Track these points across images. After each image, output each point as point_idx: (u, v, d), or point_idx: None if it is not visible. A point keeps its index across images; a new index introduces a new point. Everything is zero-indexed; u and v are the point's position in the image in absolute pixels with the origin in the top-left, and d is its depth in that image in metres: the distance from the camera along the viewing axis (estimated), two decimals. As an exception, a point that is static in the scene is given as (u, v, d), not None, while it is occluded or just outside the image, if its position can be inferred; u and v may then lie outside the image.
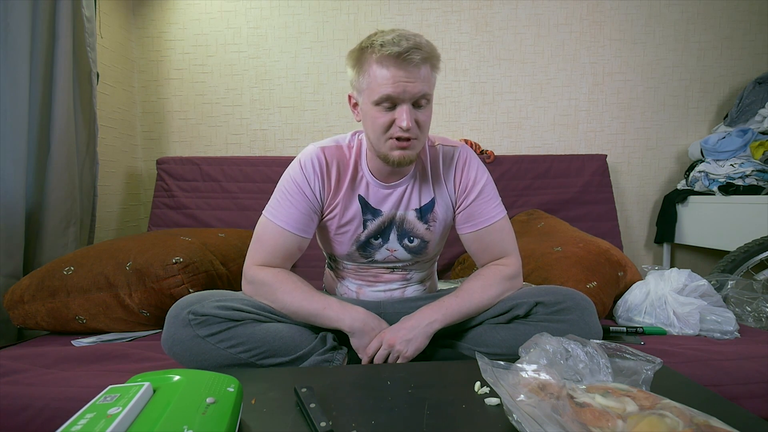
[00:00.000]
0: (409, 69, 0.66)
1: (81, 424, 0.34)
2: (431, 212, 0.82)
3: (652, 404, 0.42)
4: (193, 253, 1.01)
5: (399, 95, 0.67)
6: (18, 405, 0.63)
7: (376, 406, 0.52)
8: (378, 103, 0.68)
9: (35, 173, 1.18)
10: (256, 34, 1.73)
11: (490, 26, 1.74)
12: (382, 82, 0.66)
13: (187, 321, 0.68)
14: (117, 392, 0.39)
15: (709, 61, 1.76)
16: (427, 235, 0.83)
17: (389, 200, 0.80)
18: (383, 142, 0.71)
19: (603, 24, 1.75)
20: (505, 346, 0.73)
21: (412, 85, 0.67)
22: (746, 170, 1.48)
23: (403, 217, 0.81)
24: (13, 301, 0.97)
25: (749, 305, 1.07)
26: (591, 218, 1.60)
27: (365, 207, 0.80)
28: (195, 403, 0.40)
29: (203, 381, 0.45)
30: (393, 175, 0.79)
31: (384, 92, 0.67)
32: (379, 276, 0.87)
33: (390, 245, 0.82)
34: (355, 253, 0.83)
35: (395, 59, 0.65)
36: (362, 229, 0.80)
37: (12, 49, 1.08)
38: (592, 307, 0.74)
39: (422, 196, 0.81)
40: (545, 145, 1.79)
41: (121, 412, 0.35)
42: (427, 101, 0.70)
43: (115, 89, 1.61)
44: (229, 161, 1.61)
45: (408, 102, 0.68)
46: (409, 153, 0.71)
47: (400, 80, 0.66)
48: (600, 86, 1.77)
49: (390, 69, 0.66)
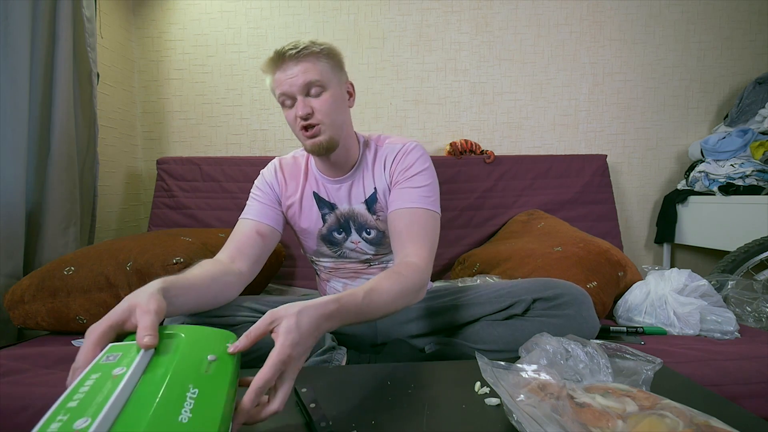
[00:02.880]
0: (288, 67, 0.73)
1: (88, 385, 0.34)
2: (376, 203, 0.83)
3: (653, 404, 0.42)
4: (194, 254, 1.01)
5: (288, 90, 0.74)
6: (18, 405, 0.63)
7: (376, 405, 0.52)
8: (282, 104, 0.77)
9: (35, 173, 1.18)
10: (256, 35, 1.73)
11: (490, 26, 1.74)
12: (275, 85, 0.76)
13: None
14: (119, 351, 0.39)
15: (709, 61, 1.76)
16: (380, 225, 0.84)
17: (340, 194, 0.84)
18: (300, 136, 0.77)
19: (603, 24, 1.75)
20: (502, 342, 0.73)
21: (293, 78, 0.73)
22: (746, 170, 1.48)
23: (356, 211, 0.84)
24: (13, 301, 0.96)
25: (749, 305, 1.07)
26: (591, 218, 1.60)
27: (320, 201, 0.85)
28: (197, 362, 0.40)
29: (202, 338, 0.44)
30: (335, 169, 0.83)
31: (279, 92, 0.75)
32: (358, 272, 0.89)
33: (353, 238, 0.85)
34: (323, 247, 0.88)
35: (274, 64, 0.75)
36: (322, 222, 0.85)
37: (12, 50, 1.08)
38: (589, 301, 0.74)
39: (366, 189, 0.83)
40: (545, 145, 1.79)
41: (126, 372, 0.35)
42: (320, 88, 0.74)
43: (115, 89, 1.62)
44: (229, 161, 1.61)
45: (298, 94, 0.74)
46: (320, 138, 0.75)
47: (283, 79, 0.74)
48: (600, 86, 1.77)
49: (275, 73, 0.75)
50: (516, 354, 0.56)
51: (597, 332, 0.74)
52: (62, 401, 0.32)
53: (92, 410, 0.31)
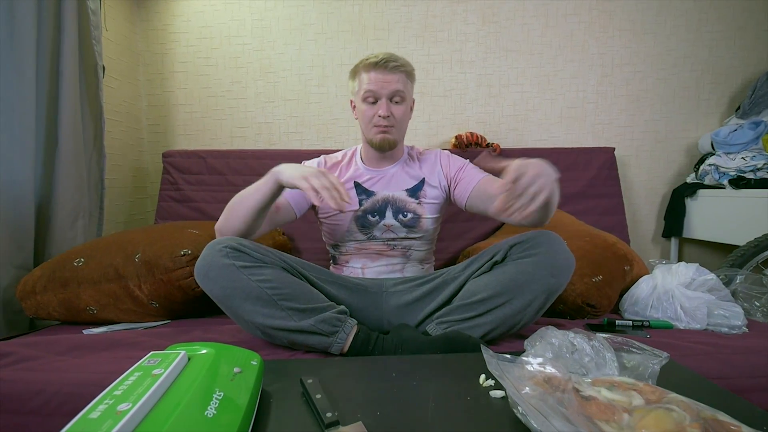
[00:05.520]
0: (384, 73, 0.92)
1: (131, 380, 0.41)
2: (421, 190, 1.00)
3: (659, 398, 0.42)
4: (200, 245, 1.01)
5: (378, 90, 0.92)
6: (32, 390, 0.64)
7: (382, 397, 0.52)
8: (364, 99, 0.94)
9: (44, 167, 1.19)
10: (260, 26, 1.72)
11: (497, 17, 1.71)
12: (366, 81, 0.93)
13: (225, 252, 0.76)
14: (158, 357, 0.47)
15: (721, 52, 1.72)
16: (419, 209, 0.98)
17: (380, 182, 1.00)
18: (370, 129, 0.96)
19: (612, 14, 1.71)
20: (489, 288, 0.78)
21: (387, 83, 0.92)
22: (758, 163, 1.46)
23: (395, 196, 0.99)
24: (25, 291, 0.98)
25: (758, 300, 1.06)
26: (598, 212, 1.58)
27: (359, 189, 1.00)
28: (224, 371, 0.47)
29: (230, 354, 0.52)
30: (382, 160, 1.02)
31: (368, 88, 0.92)
32: (381, 253, 1.00)
33: (386, 221, 0.97)
34: (354, 228, 0.98)
35: (374, 66, 0.92)
36: (359, 206, 0.98)
37: (18, 43, 1.08)
38: (559, 239, 0.80)
39: (411, 178, 1.01)
40: (552, 138, 1.77)
41: (163, 373, 0.42)
42: (401, 99, 0.94)
43: (120, 82, 1.62)
44: (234, 154, 1.61)
45: (385, 97, 0.93)
46: (388, 137, 0.95)
47: (378, 80, 0.92)
48: (609, 78, 1.74)
49: (371, 73, 0.93)
50: (506, 300, 0.73)
51: (573, 264, 0.79)
52: (108, 390, 0.39)
53: (133, 398, 0.37)
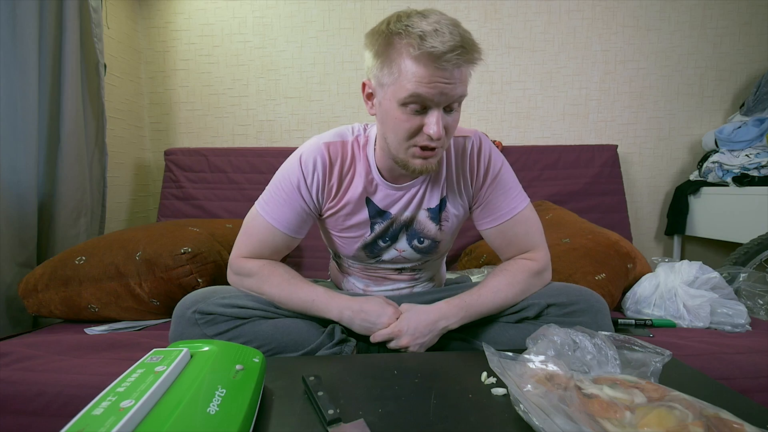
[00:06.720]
0: (450, 70, 0.56)
1: (135, 377, 0.41)
2: (443, 211, 0.76)
3: (661, 396, 0.42)
4: (201, 244, 1.02)
5: (433, 98, 0.57)
6: (33, 391, 0.64)
7: (383, 394, 0.52)
8: (405, 104, 0.59)
9: (46, 165, 1.20)
10: (261, 24, 1.71)
11: (499, 13, 1.70)
12: (415, 80, 0.56)
13: (194, 320, 0.67)
14: (161, 354, 0.46)
15: (725, 48, 1.71)
16: (438, 236, 0.78)
17: (399, 202, 0.74)
18: (405, 148, 0.63)
19: (616, 10, 1.70)
20: (512, 344, 0.71)
21: (451, 88, 0.57)
22: (762, 161, 1.45)
23: (413, 218, 0.76)
24: (27, 289, 0.99)
25: (762, 298, 1.05)
26: (600, 210, 1.57)
27: (371, 207, 0.74)
28: (226, 369, 0.47)
29: (232, 351, 0.51)
30: (405, 176, 0.72)
31: (416, 91, 0.57)
32: (387, 276, 0.84)
33: (399, 246, 0.78)
34: (361, 253, 0.79)
35: (437, 59, 0.54)
36: (370, 232, 0.76)
37: (21, 41, 1.08)
38: (605, 309, 0.70)
39: (434, 196, 0.75)
40: (554, 135, 1.76)
41: (165, 370, 0.42)
42: (459, 104, 0.62)
43: (122, 80, 1.62)
44: (235, 152, 1.61)
45: (441, 106, 0.59)
46: (432, 162, 0.64)
47: (437, 81, 0.56)
48: (612, 75, 1.73)
49: (429, 68, 0.55)
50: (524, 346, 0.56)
51: None
52: (111, 387, 0.39)
53: (136, 395, 0.37)
